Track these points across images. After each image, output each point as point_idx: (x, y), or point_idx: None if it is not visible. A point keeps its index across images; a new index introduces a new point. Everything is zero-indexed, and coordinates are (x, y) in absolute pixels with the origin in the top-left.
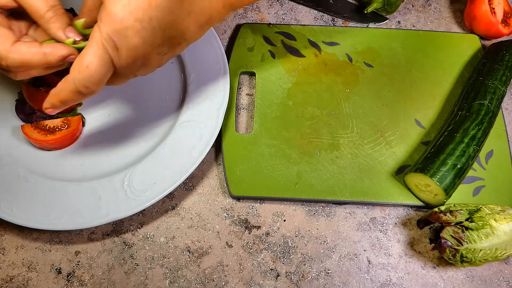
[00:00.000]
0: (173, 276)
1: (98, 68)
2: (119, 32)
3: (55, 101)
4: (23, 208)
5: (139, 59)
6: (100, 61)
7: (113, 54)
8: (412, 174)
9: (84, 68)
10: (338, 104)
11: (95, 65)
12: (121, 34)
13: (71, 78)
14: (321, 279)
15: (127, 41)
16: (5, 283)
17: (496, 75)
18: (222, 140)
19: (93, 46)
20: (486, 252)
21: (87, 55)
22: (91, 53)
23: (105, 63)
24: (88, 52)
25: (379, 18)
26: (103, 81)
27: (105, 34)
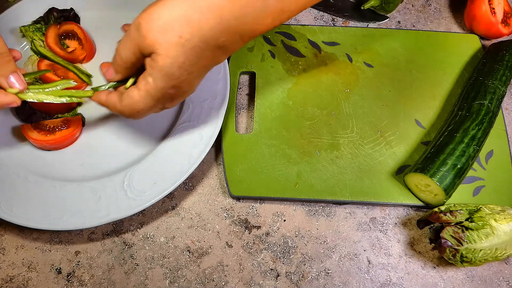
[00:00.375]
0: (173, 276)
1: (148, 112)
2: (176, 86)
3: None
4: (23, 208)
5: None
6: (152, 108)
7: (166, 102)
8: (412, 174)
9: (135, 112)
10: (338, 104)
11: (145, 111)
12: (177, 87)
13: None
14: (321, 279)
15: (181, 90)
16: (5, 283)
17: (496, 75)
18: (222, 140)
19: (147, 96)
20: (486, 252)
21: (140, 102)
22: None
23: (158, 109)
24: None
25: (379, 17)
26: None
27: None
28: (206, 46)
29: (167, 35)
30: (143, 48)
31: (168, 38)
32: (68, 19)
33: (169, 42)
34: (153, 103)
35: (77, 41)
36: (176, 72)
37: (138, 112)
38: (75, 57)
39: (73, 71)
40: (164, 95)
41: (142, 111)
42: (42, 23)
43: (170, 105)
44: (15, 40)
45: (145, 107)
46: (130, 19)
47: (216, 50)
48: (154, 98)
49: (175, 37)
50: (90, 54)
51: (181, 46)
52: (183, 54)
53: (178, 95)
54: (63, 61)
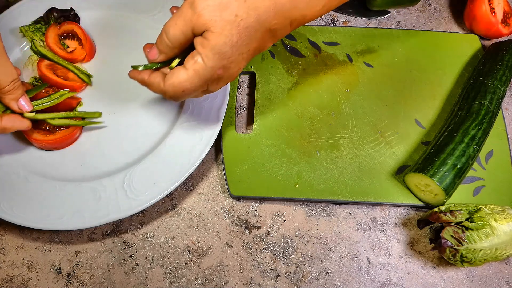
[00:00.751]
0: (173, 276)
1: (191, 94)
2: (226, 66)
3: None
4: (23, 208)
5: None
6: (197, 88)
7: (211, 83)
8: (412, 174)
9: (180, 92)
10: (338, 104)
11: (190, 91)
12: (226, 68)
13: (163, 89)
14: (321, 279)
15: (229, 72)
16: (5, 283)
17: (496, 75)
18: (222, 140)
19: (194, 75)
20: (486, 252)
21: (186, 80)
22: (191, 81)
23: (200, 92)
24: (188, 79)
25: (381, 12)
26: None
27: (210, 69)
28: (259, 27)
29: (223, 13)
30: (197, 26)
31: (224, 16)
32: (68, 19)
33: (225, 20)
34: (200, 84)
35: (77, 41)
36: (228, 51)
37: (183, 92)
38: (75, 57)
39: (73, 71)
40: (212, 75)
41: (187, 91)
42: (42, 23)
43: (214, 88)
44: (15, 40)
45: (191, 87)
46: (130, 19)
47: (266, 33)
48: (202, 78)
49: (231, 16)
50: (90, 54)
51: (236, 25)
52: (237, 33)
53: (224, 77)
54: (63, 61)
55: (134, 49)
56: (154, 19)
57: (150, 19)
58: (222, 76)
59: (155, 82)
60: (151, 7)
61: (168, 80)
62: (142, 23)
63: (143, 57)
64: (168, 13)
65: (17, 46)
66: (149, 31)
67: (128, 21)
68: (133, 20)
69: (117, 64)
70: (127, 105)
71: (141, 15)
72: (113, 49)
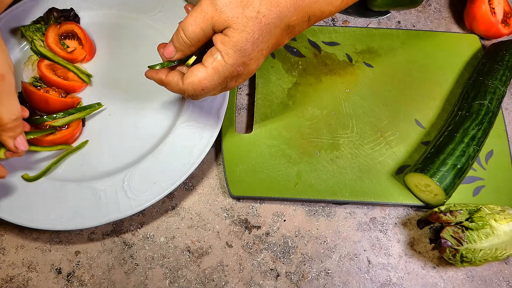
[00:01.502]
0: (173, 276)
1: (210, 92)
2: (246, 63)
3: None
4: (23, 208)
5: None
6: (217, 86)
7: (230, 80)
8: (412, 174)
9: (200, 90)
10: (338, 104)
11: (210, 89)
12: (246, 65)
13: (182, 89)
14: (321, 279)
15: (248, 69)
16: (5, 283)
17: (496, 75)
18: (222, 140)
19: (214, 73)
20: (486, 252)
21: (205, 79)
22: (210, 79)
23: (220, 89)
24: (208, 77)
25: (381, 12)
26: None
27: (230, 66)
28: (279, 23)
29: (246, 10)
30: (218, 23)
31: (246, 13)
32: (68, 19)
33: (247, 17)
34: (219, 81)
35: (77, 41)
36: (249, 48)
37: (202, 90)
38: (75, 57)
39: (73, 71)
40: (232, 73)
41: (206, 89)
42: (42, 23)
43: (233, 85)
44: (15, 40)
45: (211, 85)
46: (130, 19)
47: (285, 29)
48: (221, 76)
49: (254, 12)
50: (90, 54)
51: (258, 22)
52: (258, 29)
53: (243, 74)
54: (63, 61)
55: (134, 49)
56: (154, 19)
57: (150, 19)
58: (242, 73)
59: (173, 81)
60: (151, 7)
61: (187, 79)
62: (142, 23)
63: (142, 57)
64: (168, 13)
65: (17, 46)
66: (149, 31)
67: (128, 21)
68: (133, 20)
69: (117, 64)
70: (127, 105)
71: (141, 15)
72: (113, 49)
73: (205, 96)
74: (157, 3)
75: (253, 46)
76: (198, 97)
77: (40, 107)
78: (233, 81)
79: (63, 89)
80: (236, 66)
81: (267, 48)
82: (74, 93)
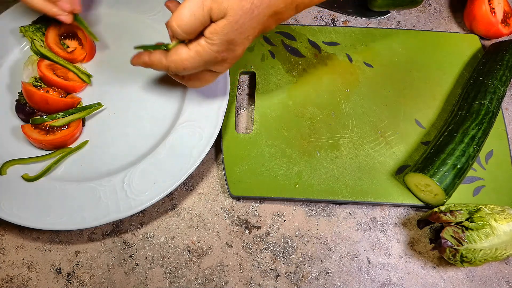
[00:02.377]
0: (173, 276)
1: (193, 71)
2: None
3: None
4: (23, 208)
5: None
6: (199, 68)
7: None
8: (412, 174)
9: (181, 69)
10: (338, 104)
11: (191, 69)
12: (231, 51)
13: (166, 65)
14: (321, 279)
15: (234, 54)
16: (5, 283)
17: (496, 75)
18: (222, 140)
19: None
20: (486, 252)
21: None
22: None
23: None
24: (189, 58)
25: (381, 12)
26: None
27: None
28: (267, 12)
29: (242, 1)
30: (216, 13)
31: (242, 4)
32: None
33: (242, 8)
34: (201, 64)
35: (77, 41)
36: (236, 37)
37: (184, 69)
38: (75, 57)
39: (73, 71)
40: (215, 58)
41: (187, 69)
42: (42, 23)
43: (219, 69)
44: (15, 40)
45: (192, 66)
46: (130, 19)
47: (272, 16)
48: (203, 60)
49: (248, 3)
50: (90, 54)
51: (250, 13)
52: (249, 20)
53: (229, 59)
54: (63, 61)
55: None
56: (154, 19)
57: (150, 19)
58: (226, 58)
59: (156, 59)
60: (151, 7)
61: (170, 57)
62: (142, 23)
63: None
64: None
65: (17, 46)
66: (149, 31)
67: (128, 21)
68: (133, 20)
69: (117, 64)
70: (127, 105)
71: (141, 15)
72: (113, 49)
73: (188, 73)
74: (157, 3)
75: (240, 35)
76: (182, 74)
77: (40, 107)
78: (219, 65)
79: (63, 89)
80: (220, 53)
81: (253, 34)
82: (74, 93)
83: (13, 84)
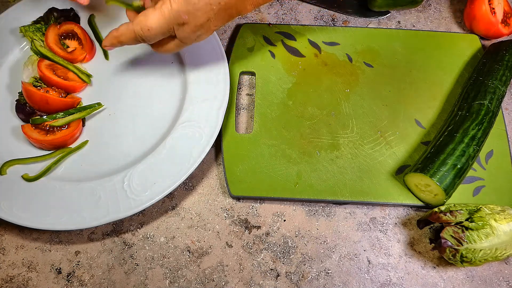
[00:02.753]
0: (173, 276)
1: (158, 33)
2: (191, 12)
3: (114, 42)
4: (23, 208)
5: (198, 32)
6: (163, 29)
7: (177, 27)
8: (412, 174)
9: (146, 29)
10: (338, 104)
11: (156, 30)
12: (191, 14)
13: (132, 29)
14: (321, 279)
15: (195, 20)
16: (5, 283)
17: (496, 75)
18: (222, 140)
19: (160, 15)
20: (486, 252)
21: (152, 19)
22: (156, 20)
23: (166, 31)
24: (154, 18)
25: (381, 12)
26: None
27: (175, 12)
28: None
29: None
30: None
31: None
32: (68, 19)
33: None
34: (165, 24)
35: (77, 41)
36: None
37: (148, 30)
38: (75, 57)
39: (73, 71)
40: (177, 18)
41: (152, 30)
42: (42, 23)
43: (181, 34)
44: (15, 40)
45: (156, 27)
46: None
47: None
48: (167, 19)
49: None
50: (90, 54)
51: None
52: None
53: (190, 24)
54: (63, 61)
55: (134, 49)
56: None
57: None
58: (188, 22)
59: (123, 27)
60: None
61: (137, 19)
62: None
63: (142, 57)
64: None
65: (17, 46)
66: None
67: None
68: None
69: (117, 64)
70: (127, 105)
71: None
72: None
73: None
74: None
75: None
76: (149, 35)
77: (40, 107)
78: (181, 30)
79: (63, 89)
80: (181, 13)
81: (218, 5)
82: (74, 93)
83: (13, 84)
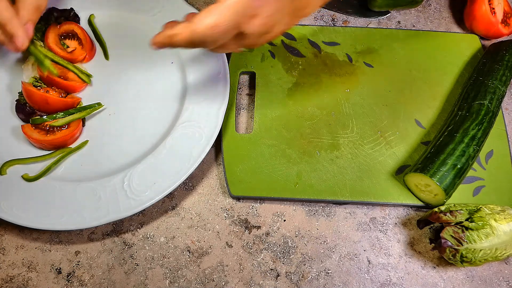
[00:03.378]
0: (173, 276)
1: (225, 30)
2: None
3: (167, 42)
4: (23, 208)
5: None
6: (230, 24)
7: (246, 21)
8: (412, 174)
9: (210, 27)
10: (338, 104)
11: (223, 27)
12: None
13: (193, 29)
14: (321, 279)
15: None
16: (5, 283)
17: (496, 75)
18: (222, 140)
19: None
20: (486, 252)
21: (219, 14)
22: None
23: (234, 27)
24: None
25: (381, 12)
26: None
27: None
28: None
29: None
30: None
31: None
32: (68, 19)
33: None
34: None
35: (77, 41)
36: None
37: (212, 28)
38: (75, 57)
39: (73, 71)
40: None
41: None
42: (42, 23)
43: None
44: None
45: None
46: (130, 19)
47: None
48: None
49: None
50: (90, 54)
51: None
52: None
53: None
54: (63, 61)
55: (134, 49)
56: (154, 19)
57: (150, 19)
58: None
59: (179, 26)
60: (151, 7)
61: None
62: (142, 23)
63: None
64: (168, 13)
65: None
66: (149, 31)
67: (128, 21)
68: (133, 20)
69: (117, 64)
70: (127, 105)
71: (141, 15)
72: (113, 49)
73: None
74: (157, 3)
75: None
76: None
77: (40, 107)
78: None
79: (63, 89)
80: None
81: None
82: (74, 93)
83: (13, 84)
